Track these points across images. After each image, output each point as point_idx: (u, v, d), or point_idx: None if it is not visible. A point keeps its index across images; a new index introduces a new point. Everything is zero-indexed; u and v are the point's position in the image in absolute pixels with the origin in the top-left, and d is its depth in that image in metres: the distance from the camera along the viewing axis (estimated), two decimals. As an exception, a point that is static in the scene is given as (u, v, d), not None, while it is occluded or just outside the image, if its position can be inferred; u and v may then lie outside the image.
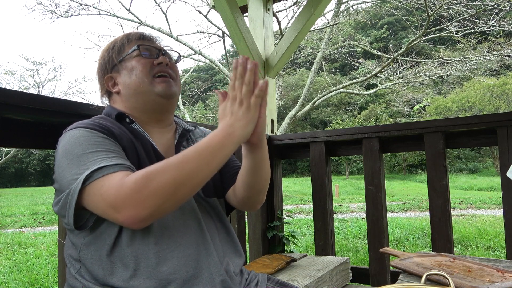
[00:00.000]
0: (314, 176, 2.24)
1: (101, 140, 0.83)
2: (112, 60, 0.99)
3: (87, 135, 0.83)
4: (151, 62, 0.98)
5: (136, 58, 0.98)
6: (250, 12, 2.63)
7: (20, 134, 1.13)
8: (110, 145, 0.83)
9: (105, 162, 0.77)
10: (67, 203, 0.78)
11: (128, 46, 0.99)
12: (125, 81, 0.98)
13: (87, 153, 0.79)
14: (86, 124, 0.86)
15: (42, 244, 5.74)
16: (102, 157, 0.78)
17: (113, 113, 0.96)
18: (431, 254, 1.20)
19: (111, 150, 0.82)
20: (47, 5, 10.99)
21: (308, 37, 11.28)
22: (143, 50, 0.99)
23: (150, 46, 1.00)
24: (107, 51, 1.01)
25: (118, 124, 0.94)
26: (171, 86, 0.98)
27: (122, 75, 0.98)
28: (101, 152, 0.80)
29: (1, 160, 19.96)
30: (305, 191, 14.86)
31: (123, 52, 0.99)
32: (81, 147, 0.80)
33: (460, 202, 9.58)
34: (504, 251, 2.35)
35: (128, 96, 0.98)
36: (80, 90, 23.06)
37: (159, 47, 1.02)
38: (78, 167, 0.77)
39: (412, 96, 18.14)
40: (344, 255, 4.50)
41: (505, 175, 1.65)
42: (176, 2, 11.57)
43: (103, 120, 0.93)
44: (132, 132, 0.95)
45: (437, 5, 9.21)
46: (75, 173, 0.77)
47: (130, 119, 0.96)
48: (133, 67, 0.97)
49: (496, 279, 0.92)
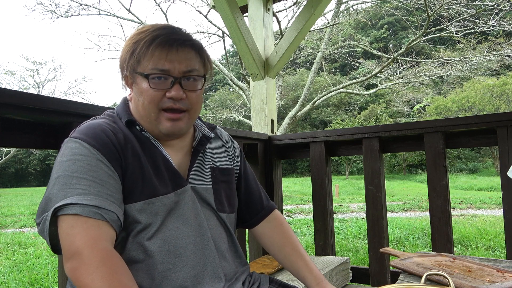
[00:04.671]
0: (314, 176, 2.24)
1: (94, 166, 0.78)
2: (129, 62, 0.88)
3: (84, 153, 0.79)
4: (163, 94, 0.86)
5: (145, 83, 0.86)
6: (250, 12, 2.63)
7: (20, 134, 1.13)
8: (101, 176, 0.78)
9: (86, 199, 0.74)
10: (44, 229, 0.76)
11: (147, 57, 0.85)
12: (135, 99, 0.90)
13: (73, 177, 0.76)
14: (89, 138, 0.81)
15: (42, 244, 5.74)
16: (84, 188, 0.75)
17: (123, 117, 0.91)
18: (431, 254, 1.20)
19: (98, 183, 0.77)
20: (47, 5, 11.02)
21: (308, 37, 11.29)
22: (153, 83, 0.85)
23: (164, 75, 0.85)
24: (132, 47, 0.88)
25: (126, 131, 0.88)
26: (177, 125, 0.88)
27: (135, 88, 0.89)
28: (87, 181, 0.76)
29: (1, 160, 19.96)
30: (305, 191, 14.86)
31: (141, 61, 0.86)
32: (72, 167, 0.77)
33: (460, 202, 9.58)
34: (504, 251, 2.35)
35: (137, 111, 0.91)
36: (80, 90, 23.13)
37: (177, 74, 0.86)
38: (59, 189, 0.75)
39: (412, 96, 18.14)
40: (344, 255, 4.50)
41: (505, 175, 1.65)
42: (176, 2, 11.58)
43: (111, 123, 0.88)
44: (140, 140, 0.89)
45: (437, 5, 9.21)
46: (54, 194, 0.76)
47: (141, 128, 0.90)
48: (142, 92, 0.87)
49: (496, 279, 0.92)
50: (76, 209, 0.73)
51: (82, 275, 0.69)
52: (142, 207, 0.83)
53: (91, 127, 0.84)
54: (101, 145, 0.81)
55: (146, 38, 0.86)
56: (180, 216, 0.87)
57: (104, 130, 0.84)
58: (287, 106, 21.41)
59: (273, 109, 2.57)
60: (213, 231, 0.93)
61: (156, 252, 0.83)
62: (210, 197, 0.96)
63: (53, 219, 0.74)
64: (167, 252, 0.84)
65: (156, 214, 0.84)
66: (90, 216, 0.73)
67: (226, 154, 1.08)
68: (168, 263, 0.84)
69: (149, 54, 0.85)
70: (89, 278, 0.68)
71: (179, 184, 0.90)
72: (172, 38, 0.87)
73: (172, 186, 0.88)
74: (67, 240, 0.72)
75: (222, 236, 0.96)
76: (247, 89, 10.45)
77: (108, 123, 0.88)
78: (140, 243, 0.83)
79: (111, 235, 0.76)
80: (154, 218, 0.84)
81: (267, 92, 2.53)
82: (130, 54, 0.87)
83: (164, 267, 0.83)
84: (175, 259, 0.84)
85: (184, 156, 0.96)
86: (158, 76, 0.85)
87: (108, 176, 0.79)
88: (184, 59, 0.87)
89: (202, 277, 0.87)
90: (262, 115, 2.52)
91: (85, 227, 0.72)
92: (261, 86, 2.55)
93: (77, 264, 0.70)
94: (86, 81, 20.28)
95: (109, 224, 0.76)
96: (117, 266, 0.72)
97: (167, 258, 0.84)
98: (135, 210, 0.83)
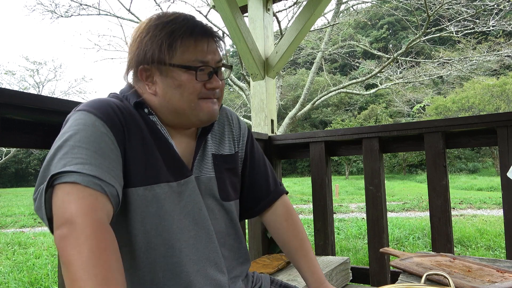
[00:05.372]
0: (314, 176, 2.24)
1: (98, 137, 0.74)
2: (159, 53, 0.82)
3: (89, 124, 0.75)
4: (203, 85, 0.85)
5: (187, 76, 0.84)
6: (250, 12, 2.63)
7: (20, 134, 1.13)
8: (104, 148, 0.74)
9: (87, 168, 0.69)
10: (41, 204, 0.69)
11: (188, 49, 0.83)
12: (166, 92, 0.85)
13: (75, 146, 0.71)
14: (95, 109, 0.78)
15: (42, 244, 5.75)
16: (85, 157, 0.70)
17: (131, 99, 0.87)
18: (431, 254, 1.20)
19: (99, 154, 0.73)
20: (47, 5, 11.03)
21: (308, 37, 11.29)
22: (198, 75, 0.84)
23: (207, 66, 0.85)
24: (157, 34, 0.83)
25: (132, 110, 0.85)
26: (215, 111, 0.89)
27: (164, 81, 0.84)
28: (88, 151, 0.72)
29: (1, 160, 19.96)
30: (305, 191, 14.85)
31: (176, 52, 0.83)
32: (75, 137, 0.73)
33: (460, 202, 9.58)
34: (504, 251, 2.35)
35: (163, 108, 0.87)
36: (80, 90, 23.13)
37: (214, 65, 0.87)
38: (59, 159, 0.70)
39: (412, 96, 18.15)
40: (344, 255, 4.50)
41: (505, 175, 1.65)
42: (176, 2, 11.58)
43: (116, 101, 0.84)
44: (147, 123, 0.86)
45: (437, 5, 9.22)
46: (53, 164, 0.71)
47: (149, 111, 0.87)
48: (181, 85, 0.83)
49: (496, 279, 0.92)
50: (75, 177, 0.67)
51: (70, 244, 0.62)
52: (143, 193, 0.80)
53: (98, 101, 0.81)
54: (108, 119, 0.77)
55: (182, 28, 0.83)
56: (183, 207, 0.85)
57: (112, 106, 0.81)
58: (287, 106, 21.42)
59: (273, 109, 2.57)
60: (216, 224, 0.91)
61: (159, 246, 0.81)
62: (214, 187, 0.93)
63: (50, 189, 0.69)
64: (171, 246, 0.82)
65: (157, 202, 0.81)
66: (89, 186, 0.68)
67: (231, 136, 1.03)
68: (171, 257, 0.82)
69: (190, 46, 0.83)
70: (76, 249, 0.61)
71: (183, 174, 0.87)
72: (206, 29, 0.86)
73: (175, 176, 0.85)
74: (61, 207, 0.66)
75: (226, 228, 0.94)
76: (247, 89, 10.45)
77: (113, 100, 0.84)
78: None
79: (108, 209, 0.70)
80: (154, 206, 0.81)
81: (267, 92, 2.53)
82: (158, 45, 0.82)
83: (166, 261, 0.82)
84: (180, 253, 0.83)
85: (187, 144, 0.93)
86: (201, 68, 0.84)
87: (111, 150, 0.75)
88: (216, 50, 0.88)
89: (205, 271, 0.85)
90: (262, 115, 2.53)
91: (81, 196, 0.66)
92: (261, 86, 2.55)
93: (67, 232, 0.63)
94: (86, 81, 20.32)
95: (108, 198, 0.70)
96: (109, 242, 0.65)
97: (170, 251, 0.82)
98: (135, 195, 0.80)
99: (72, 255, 0.61)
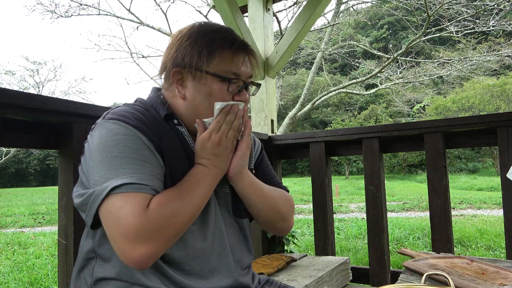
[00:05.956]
0: (314, 176, 2.24)
1: (140, 145, 0.77)
2: (197, 59, 0.84)
3: (127, 133, 0.77)
4: (231, 97, 0.88)
5: (220, 85, 0.86)
6: (250, 12, 2.63)
7: (20, 134, 1.13)
8: (147, 155, 0.77)
9: (136, 178, 0.73)
10: (89, 204, 0.75)
11: (225, 60, 0.86)
12: (195, 97, 0.87)
13: (122, 157, 0.74)
14: (128, 119, 0.79)
15: (42, 244, 5.74)
16: (136, 168, 0.74)
17: (160, 110, 0.89)
18: (449, 256, 1.18)
19: (147, 162, 0.76)
20: (47, 5, 11.01)
21: (308, 37, 11.29)
22: (231, 86, 0.87)
23: (239, 79, 0.88)
24: (199, 40, 0.86)
25: (161, 121, 0.87)
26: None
27: (195, 86, 0.86)
28: (137, 160, 0.75)
29: (1, 160, 19.97)
30: (305, 191, 14.85)
31: (213, 60, 0.85)
32: (117, 148, 0.75)
33: (460, 202, 9.58)
34: (504, 251, 2.35)
35: (190, 112, 0.88)
36: (80, 90, 23.13)
37: (246, 79, 0.90)
38: (109, 170, 0.73)
39: (412, 96, 18.16)
40: (344, 255, 4.50)
41: (505, 175, 1.65)
42: (176, 2, 11.58)
43: (144, 111, 0.86)
44: (176, 133, 0.88)
45: (437, 5, 9.22)
46: (103, 176, 0.73)
47: (179, 121, 0.89)
48: (212, 93, 0.85)
49: (508, 282, 0.92)
50: (131, 188, 0.72)
51: (166, 227, 0.72)
52: None
53: (126, 110, 0.83)
54: (142, 130, 0.80)
55: (223, 40, 0.87)
56: (201, 220, 0.86)
57: (140, 117, 0.83)
58: (287, 106, 21.42)
59: (273, 109, 2.57)
60: (231, 237, 0.93)
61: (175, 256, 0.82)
62: (229, 203, 0.95)
63: (103, 198, 0.72)
64: (186, 255, 0.83)
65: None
66: (146, 192, 0.73)
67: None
68: (187, 265, 0.83)
69: (228, 57, 0.86)
70: (177, 219, 0.74)
71: None
72: (244, 44, 0.90)
73: None
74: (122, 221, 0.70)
75: (239, 242, 0.96)
76: (247, 89, 10.42)
77: (141, 110, 0.86)
78: None
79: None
80: None
81: (267, 92, 2.53)
82: (198, 51, 0.84)
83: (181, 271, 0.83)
84: (192, 262, 0.83)
85: None
86: (233, 80, 0.87)
87: (153, 156, 0.79)
88: (250, 66, 0.91)
89: (218, 285, 0.86)
90: (262, 115, 2.53)
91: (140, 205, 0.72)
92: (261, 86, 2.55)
93: (153, 227, 0.71)
94: (86, 81, 20.32)
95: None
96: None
97: (186, 261, 0.83)
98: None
99: (183, 215, 0.75)
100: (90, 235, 0.85)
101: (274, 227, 1.02)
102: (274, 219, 1.00)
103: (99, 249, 0.83)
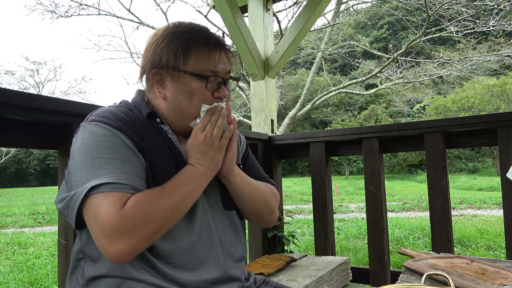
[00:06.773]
0: (314, 176, 2.24)
1: (120, 145, 0.79)
2: (174, 60, 0.86)
3: (107, 134, 0.79)
4: (211, 93, 0.90)
5: (198, 83, 0.87)
6: (250, 12, 2.63)
7: (20, 134, 1.13)
8: (127, 155, 0.79)
9: (115, 178, 0.75)
10: (70, 206, 0.77)
11: (201, 58, 0.87)
12: (176, 97, 0.88)
13: (102, 158, 0.76)
14: (109, 120, 0.81)
15: (42, 244, 5.74)
16: (116, 168, 0.76)
17: (143, 109, 0.91)
18: (449, 256, 1.18)
19: (127, 162, 0.78)
20: (47, 5, 11.02)
21: (308, 37, 11.29)
22: (209, 84, 0.88)
23: (217, 76, 0.89)
24: (174, 41, 0.87)
25: (144, 121, 0.88)
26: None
27: (175, 86, 0.88)
28: (117, 161, 0.77)
29: (1, 160, 19.97)
30: (305, 191, 14.86)
31: (190, 60, 0.87)
32: (97, 149, 0.77)
33: (460, 202, 9.58)
34: (504, 251, 2.35)
35: (172, 111, 0.90)
36: (80, 90, 23.16)
37: (224, 75, 0.91)
38: (89, 171, 0.75)
39: (412, 96, 18.15)
40: (344, 255, 4.50)
41: (505, 175, 1.65)
42: (176, 2, 11.59)
43: (128, 111, 0.88)
44: (160, 132, 0.90)
45: (437, 5, 9.22)
46: (84, 176, 0.75)
47: (161, 120, 0.91)
48: (191, 91, 0.87)
49: (508, 282, 0.92)
50: (109, 187, 0.74)
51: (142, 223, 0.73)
52: None
53: (109, 111, 0.85)
54: (124, 130, 0.82)
55: (198, 38, 0.88)
56: (188, 214, 0.87)
57: (122, 117, 0.84)
58: (287, 106, 21.41)
59: (273, 109, 2.57)
60: (220, 230, 0.94)
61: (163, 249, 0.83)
62: (218, 196, 0.96)
63: (84, 198, 0.74)
64: (173, 249, 0.84)
65: None
66: (124, 191, 0.75)
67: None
68: (176, 258, 0.84)
69: (204, 55, 0.88)
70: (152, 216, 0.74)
71: None
72: (219, 41, 0.91)
73: None
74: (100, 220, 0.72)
75: (229, 235, 0.96)
76: (247, 89, 10.45)
77: (124, 111, 0.88)
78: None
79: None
80: None
81: (267, 92, 2.53)
82: (174, 52, 0.86)
83: (170, 264, 0.83)
84: (180, 255, 0.84)
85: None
86: (211, 77, 0.88)
87: (134, 155, 0.81)
88: (227, 62, 0.93)
89: (207, 277, 0.87)
90: (262, 115, 2.53)
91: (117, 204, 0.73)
92: (261, 86, 2.55)
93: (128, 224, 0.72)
94: (86, 81, 20.30)
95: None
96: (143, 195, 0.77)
97: (174, 254, 0.84)
98: None
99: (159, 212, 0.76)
100: (79, 236, 0.87)
101: (261, 220, 1.06)
102: (262, 212, 1.03)
103: (86, 249, 0.85)
